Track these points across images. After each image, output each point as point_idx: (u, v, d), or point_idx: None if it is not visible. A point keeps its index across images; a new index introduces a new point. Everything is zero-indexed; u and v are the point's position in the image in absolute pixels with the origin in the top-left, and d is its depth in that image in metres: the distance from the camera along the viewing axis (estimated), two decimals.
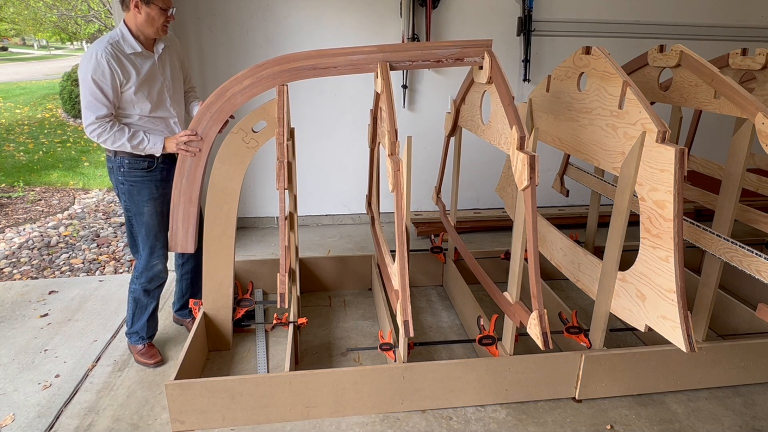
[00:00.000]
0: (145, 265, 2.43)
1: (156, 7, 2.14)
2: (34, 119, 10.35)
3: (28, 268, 3.75)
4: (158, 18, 2.16)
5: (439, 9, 3.98)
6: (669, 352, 2.25)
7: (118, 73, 2.14)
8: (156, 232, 2.39)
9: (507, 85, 2.02)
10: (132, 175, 2.30)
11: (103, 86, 2.12)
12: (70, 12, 15.28)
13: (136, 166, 2.29)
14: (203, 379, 2.07)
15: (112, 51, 2.13)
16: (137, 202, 2.33)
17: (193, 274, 2.72)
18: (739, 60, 2.53)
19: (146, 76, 2.23)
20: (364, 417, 2.17)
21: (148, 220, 2.36)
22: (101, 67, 2.10)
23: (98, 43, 2.16)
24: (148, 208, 2.34)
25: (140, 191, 2.31)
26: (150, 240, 2.39)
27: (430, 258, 3.35)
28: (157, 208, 2.36)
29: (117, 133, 2.17)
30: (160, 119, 2.33)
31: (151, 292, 2.50)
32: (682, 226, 1.80)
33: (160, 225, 2.39)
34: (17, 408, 2.23)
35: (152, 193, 2.34)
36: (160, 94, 2.30)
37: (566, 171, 3.27)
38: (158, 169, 2.33)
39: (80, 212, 5.05)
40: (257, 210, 4.38)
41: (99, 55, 2.10)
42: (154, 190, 2.34)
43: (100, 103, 2.13)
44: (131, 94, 2.20)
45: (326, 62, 2.20)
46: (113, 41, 2.16)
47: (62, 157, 7.33)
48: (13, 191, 5.67)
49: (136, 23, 2.17)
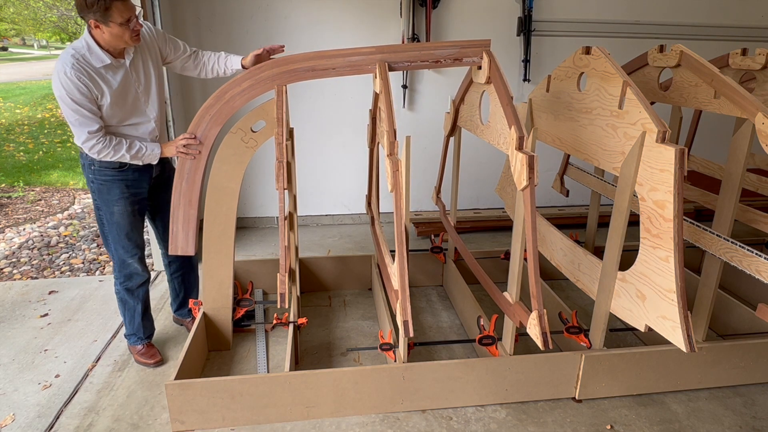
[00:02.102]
0: (119, 264, 2.39)
1: (115, 25, 1.99)
2: (34, 119, 10.35)
3: (28, 268, 3.75)
4: (123, 32, 2.02)
5: (439, 9, 3.97)
6: (669, 352, 2.25)
7: (92, 89, 2.05)
8: (128, 231, 2.34)
9: (506, 85, 2.02)
10: (102, 173, 2.24)
11: (82, 103, 2.03)
12: (70, 12, 15.30)
13: (107, 165, 2.22)
14: (203, 379, 2.07)
15: (80, 67, 2.01)
16: (107, 201, 2.28)
17: (183, 272, 2.70)
18: (739, 60, 2.53)
19: (119, 89, 2.13)
20: (364, 417, 2.18)
21: (119, 219, 2.31)
22: (74, 85, 2.00)
23: (63, 58, 2.03)
24: (117, 207, 2.29)
25: (110, 190, 2.26)
26: (121, 239, 2.34)
27: (430, 258, 3.35)
28: (127, 207, 2.31)
29: (116, 147, 2.14)
30: (135, 126, 2.25)
31: (133, 291, 2.46)
32: (682, 226, 1.80)
33: (131, 224, 2.35)
34: (17, 408, 2.23)
35: (122, 192, 2.28)
36: (135, 102, 2.22)
37: (566, 171, 3.27)
38: (130, 169, 2.27)
39: (80, 212, 5.05)
40: (257, 210, 4.38)
41: (68, 73, 1.99)
42: (125, 189, 2.28)
43: (86, 119, 2.06)
44: (107, 109, 2.12)
45: (325, 64, 2.20)
46: (78, 56, 2.03)
47: (62, 157, 7.34)
48: (13, 191, 5.67)
49: (104, 39, 2.05)
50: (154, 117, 2.30)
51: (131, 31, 2.04)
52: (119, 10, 1.97)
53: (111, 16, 1.97)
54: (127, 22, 2.01)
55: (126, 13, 1.99)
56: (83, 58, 2.04)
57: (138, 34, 2.10)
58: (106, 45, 2.07)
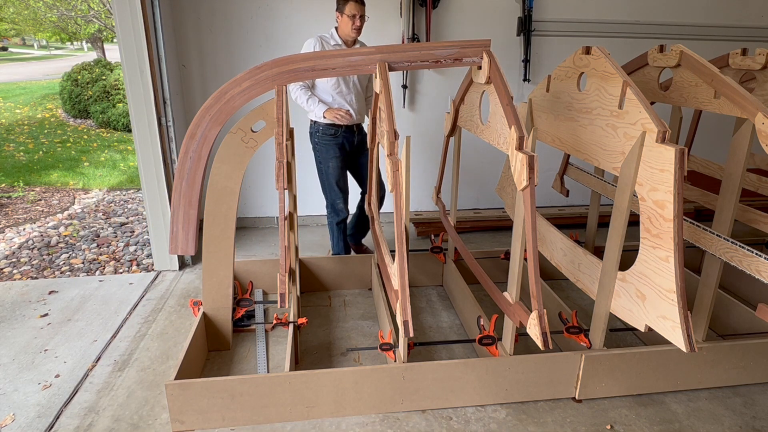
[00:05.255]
0: (330, 203, 3.35)
1: (344, 16, 2.95)
2: (34, 119, 10.35)
3: (28, 268, 3.75)
4: (347, 23, 2.95)
5: (439, 9, 3.98)
6: (669, 352, 2.25)
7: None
8: (337, 180, 3.27)
9: (506, 85, 2.01)
10: (323, 138, 3.18)
11: None
12: (70, 12, 15.26)
13: (326, 132, 3.16)
14: (203, 379, 2.07)
15: (320, 40, 3.00)
16: (324, 159, 3.23)
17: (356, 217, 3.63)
18: (739, 60, 2.53)
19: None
20: (364, 417, 2.18)
21: (332, 172, 3.25)
22: (308, 49, 2.98)
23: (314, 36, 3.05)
24: (331, 163, 3.23)
25: (327, 150, 3.20)
26: (333, 186, 3.29)
27: (430, 258, 3.35)
28: (338, 163, 3.23)
29: (302, 95, 3.06)
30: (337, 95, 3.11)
31: (338, 224, 3.40)
32: (682, 226, 1.80)
33: (339, 176, 3.27)
34: (17, 408, 2.23)
35: (335, 152, 3.20)
36: (345, 83, 3.10)
37: (566, 171, 3.27)
38: (339, 136, 3.18)
39: (80, 212, 5.05)
40: (257, 210, 4.38)
41: (310, 41, 3.00)
42: (336, 150, 3.20)
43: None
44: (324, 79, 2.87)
45: (324, 63, 2.20)
46: (323, 35, 3.05)
47: (62, 157, 7.33)
48: (13, 191, 5.67)
49: (340, 27, 3.02)
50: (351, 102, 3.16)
51: (353, 23, 2.95)
52: (350, 7, 2.92)
53: (345, 9, 2.93)
54: (353, 17, 2.93)
55: (354, 10, 2.93)
56: (324, 37, 3.04)
57: (356, 30, 2.98)
58: (341, 33, 3.04)
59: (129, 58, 3.11)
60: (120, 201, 5.43)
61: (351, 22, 2.93)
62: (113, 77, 9.76)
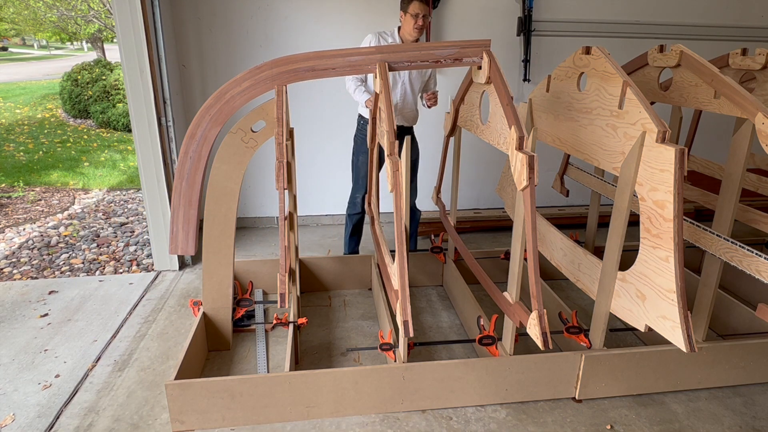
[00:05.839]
0: (351, 195, 3.42)
1: (408, 15, 2.94)
2: (34, 119, 10.35)
3: (28, 268, 3.75)
4: (409, 22, 2.94)
5: (439, 9, 3.97)
6: (669, 352, 2.25)
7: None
8: (363, 174, 3.33)
9: (506, 85, 2.01)
10: (361, 131, 3.30)
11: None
12: (70, 12, 15.25)
13: (365, 126, 3.19)
14: (203, 379, 2.07)
15: (378, 36, 3.06)
16: (356, 151, 3.35)
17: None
18: (739, 60, 2.53)
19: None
20: (364, 417, 2.18)
21: (360, 165, 3.34)
22: (366, 44, 3.03)
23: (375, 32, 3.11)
24: (362, 157, 3.31)
25: (362, 144, 3.29)
26: (356, 179, 3.38)
27: (430, 258, 3.35)
28: (366, 159, 3.26)
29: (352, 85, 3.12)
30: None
31: (351, 216, 3.47)
32: (682, 226, 1.80)
33: (363, 169, 3.32)
34: (17, 408, 2.23)
35: (363, 146, 3.28)
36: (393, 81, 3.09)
37: (566, 171, 3.27)
38: (364, 130, 3.26)
39: (80, 212, 5.05)
40: (257, 210, 4.38)
41: (369, 36, 3.06)
42: (361, 144, 3.29)
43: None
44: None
45: (324, 63, 2.20)
46: (382, 31, 3.10)
47: (62, 157, 7.33)
48: (13, 191, 5.67)
49: (403, 25, 3.02)
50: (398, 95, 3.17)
51: (415, 23, 2.93)
52: (414, 6, 2.90)
53: (409, 8, 2.92)
54: (416, 16, 2.91)
55: (417, 10, 2.90)
56: (383, 33, 3.09)
57: (417, 30, 2.96)
58: (402, 31, 3.05)
59: (129, 58, 3.11)
60: (120, 201, 5.43)
61: (414, 21, 2.92)
62: (113, 77, 9.76)
